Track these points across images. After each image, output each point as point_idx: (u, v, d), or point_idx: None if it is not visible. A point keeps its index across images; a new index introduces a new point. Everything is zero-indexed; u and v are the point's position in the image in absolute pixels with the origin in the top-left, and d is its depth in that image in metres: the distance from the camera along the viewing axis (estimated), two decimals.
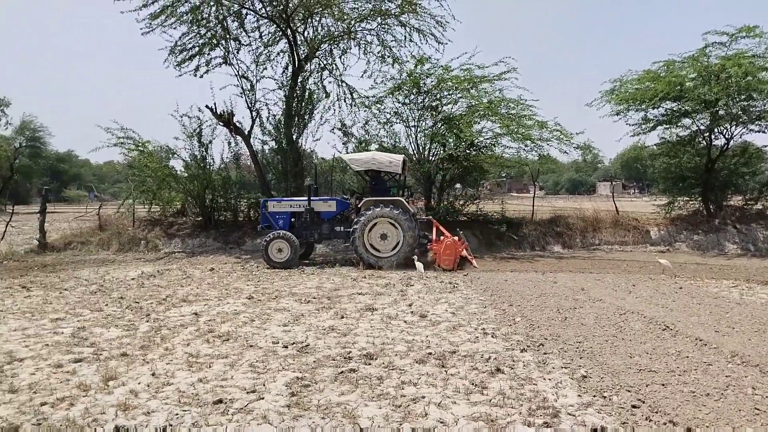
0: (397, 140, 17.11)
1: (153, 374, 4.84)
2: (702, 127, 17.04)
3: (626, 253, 15.35)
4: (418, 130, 16.67)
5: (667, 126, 17.36)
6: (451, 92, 16.13)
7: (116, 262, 13.69)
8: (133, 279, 10.66)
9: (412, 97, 16.33)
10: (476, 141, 16.04)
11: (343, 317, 7.13)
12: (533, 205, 18.63)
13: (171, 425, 3.77)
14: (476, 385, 4.62)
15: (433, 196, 17.07)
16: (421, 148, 16.80)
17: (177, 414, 3.95)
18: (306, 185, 13.67)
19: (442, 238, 12.30)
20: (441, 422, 3.89)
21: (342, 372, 4.90)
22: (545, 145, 15.67)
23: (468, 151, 16.08)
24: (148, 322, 6.94)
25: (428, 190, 16.98)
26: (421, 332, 6.37)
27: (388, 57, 16.37)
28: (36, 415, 3.95)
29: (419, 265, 11.67)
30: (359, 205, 12.61)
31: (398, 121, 16.88)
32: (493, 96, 15.87)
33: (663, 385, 4.56)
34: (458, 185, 17.70)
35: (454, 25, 15.89)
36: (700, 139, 17.43)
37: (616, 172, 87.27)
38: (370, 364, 5.18)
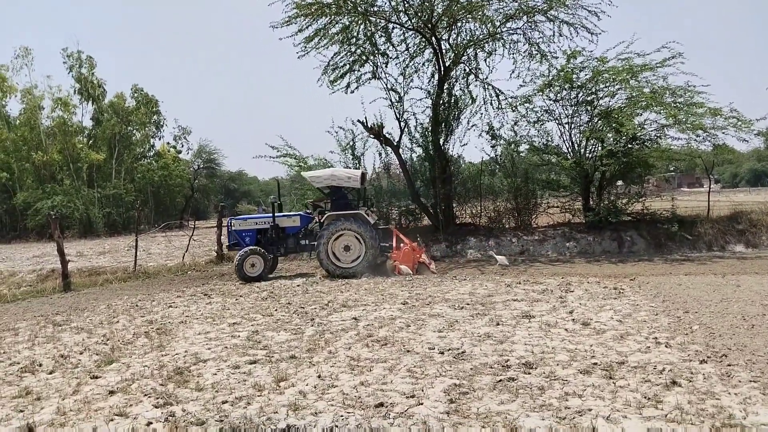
0: (549, 139, 16.53)
1: (319, 376, 5.10)
2: None
3: None
4: (573, 126, 15.98)
5: None
6: (607, 84, 15.22)
7: (283, 270, 14.72)
8: (298, 285, 11.38)
9: (564, 93, 15.67)
10: (638, 134, 14.96)
11: (498, 324, 6.97)
12: (708, 201, 16.85)
13: (337, 426, 3.93)
14: (649, 398, 4.25)
15: (592, 196, 16.15)
16: (576, 145, 16.05)
17: (342, 416, 4.11)
18: (270, 201, 13.76)
19: (402, 245, 12.85)
20: None
21: (501, 380, 4.78)
22: (720, 134, 14.26)
23: (629, 146, 15.03)
24: (312, 326, 7.35)
25: (586, 189, 16.11)
26: (584, 341, 6.02)
27: (536, 54, 15.86)
28: (219, 412, 4.34)
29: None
30: (322, 220, 12.98)
31: (550, 119, 16.30)
32: (657, 85, 14.70)
33: None
34: (619, 183, 16.56)
35: (610, 11, 14.89)
36: None
37: None
38: (529, 373, 4.99)
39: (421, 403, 4.32)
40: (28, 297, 12.29)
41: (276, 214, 13.53)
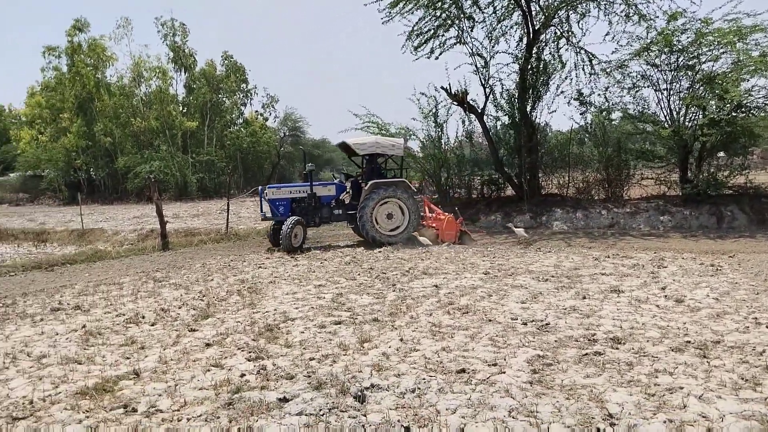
0: (645, 106, 15.62)
1: (401, 340, 5.19)
2: None
3: None
4: (671, 93, 14.99)
5: None
6: (711, 48, 14.11)
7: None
8: (379, 252, 11.56)
9: (663, 57, 14.70)
10: (744, 102, 13.85)
11: (585, 298, 6.79)
12: None
13: (419, 388, 4.01)
14: (747, 380, 4.03)
15: (690, 167, 15.20)
16: (674, 113, 15.08)
17: (424, 379, 4.18)
18: (307, 170, 13.23)
19: (433, 215, 13.45)
20: (703, 416, 3.48)
21: (587, 354, 4.68)
22: None
23: (734, 114, 13.95)
24: (394, 291, 7.47)
25: (683, 160, 15.17)
26: (676, 318, 5.76)
27: (634, 15, 14.93)
28: (306, 368, 4.53)
29: (424, 239, 12.41)
30: (365, 187, 12.68)
31: (646, 85, 15.37)
32: None
33: None
34: (721, 153, 15.47)
35: None
36: None
37: None
38: (617, 348, 4.84)
39: (504, 372, 4.31)
40: (130, 254, 13.22)
41: (313, 183, 13.24)
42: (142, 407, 3.87)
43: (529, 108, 16.88)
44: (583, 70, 16.30)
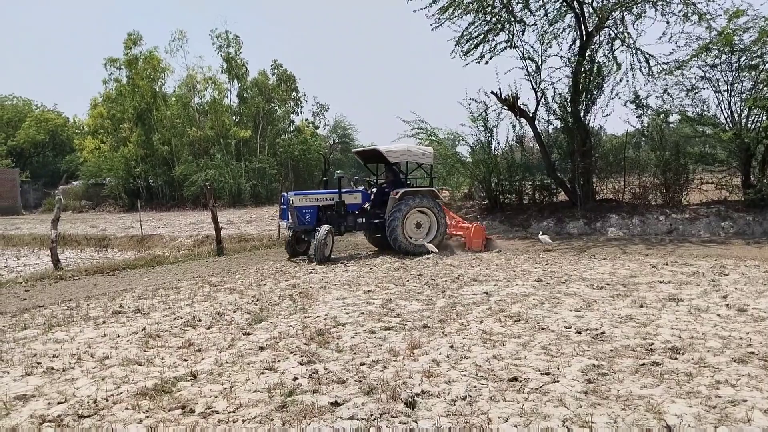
0: (704, 108, 15.05)
1: (451, 347, 5.17)
2: None
3: None
4: (732, 94, 14.39)
5: None
6: None
7: None
8: (428, 258, 11.54)
9: (724, 57, 14.13)
10: None
11: (642, 306, 6.59)
12: None
13: (470, 396, 3.98)
14: None
15: (753, 171, 14.54)
16: (735, 115, 14.47)
17: (475, 386, 4.16)
18: (336, 177, 12.83)
19: (453, 222, 13.81)
20: None
21: (644, 364, 4.54)
22: None
23: None
24: (443, 298, 7.45)
25: (746, 164, 14.53)
26: (739, 328, 5.53)
27: (693, 15, 14.43)
28: (357, 373, 4.57)
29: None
30: (397, 196, 12.40)
31: (705, 86, 14.80)
32: None
33: None
34: None
35: None
36: None
37: None
38: (676, 358, 4.69)
39: (557, 381, 4.24)
40: (186, 260, 13.59)
41: (342, 191, 12.84)
42: (200, 408, 3.99)
43: (582, 112, 16.54)
44: (641, 71, 15.86)
